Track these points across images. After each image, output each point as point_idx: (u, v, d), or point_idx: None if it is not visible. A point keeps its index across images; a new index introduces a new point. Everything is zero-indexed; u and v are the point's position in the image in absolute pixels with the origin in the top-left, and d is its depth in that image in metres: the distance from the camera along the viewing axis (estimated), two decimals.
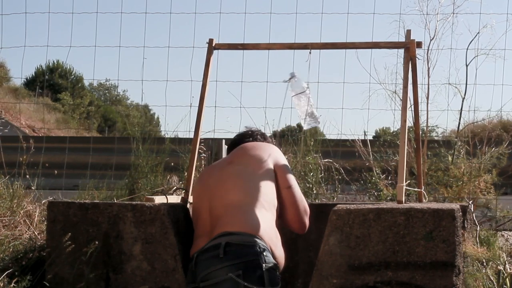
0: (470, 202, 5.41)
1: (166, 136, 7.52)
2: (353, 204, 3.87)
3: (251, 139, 3.85)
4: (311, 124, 4.23)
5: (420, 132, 4.59)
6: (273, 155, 3.55)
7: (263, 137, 3.89)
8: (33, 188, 6.02)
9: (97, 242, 3.95)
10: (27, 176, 6.11)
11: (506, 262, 4.40)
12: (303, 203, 3.55)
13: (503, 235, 5.78)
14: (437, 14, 6.48)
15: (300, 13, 6.44)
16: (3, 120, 8.44)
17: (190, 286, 3.45)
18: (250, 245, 3.21)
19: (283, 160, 3.59)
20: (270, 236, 3.34)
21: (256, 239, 3.24)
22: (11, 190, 5.67)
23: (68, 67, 34.20)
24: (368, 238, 3.43)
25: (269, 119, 7.63)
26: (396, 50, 5.95)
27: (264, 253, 3.22)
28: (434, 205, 3.59)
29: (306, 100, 4.16)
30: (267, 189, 3.45)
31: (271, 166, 3.51)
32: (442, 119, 10.67)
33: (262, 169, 3.47)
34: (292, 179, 3.53)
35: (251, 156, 3.54)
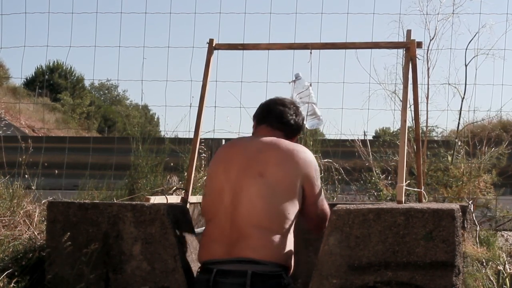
0: (470, 202, 5.41)
1: (166, 136, 7.53)
2: (353, 204, 3.87)
3: (287, 126, 3.67)
4: (314, 124, 4.23)
5: (420, 132, 4.59)
6: (303, 167, 3.41)
7: (300, 121, 3.71)
8: (33, 188, 6.02)
9: (97, 242, 3.95)
10: (27, 176, 6.11)
11: (506, 262, 4.40)
12: (325, 215, 3.56)
13: (503, 235, 5.78)
14: (438, 14, 6.48)
15: (300, 13, 6.45)
16: (6, 122, 8.44)
17: None
18: (276, 275, 3.20)
19: (312, 172, 3.46)
20: (292, 259, 3.38)
21: (281, 269, 3.24)
22: (11, 190, 5.67)
23: (69, 68, 34.21)
24: (368, 238, 3.43)
25: None
26: (396, 50, 5.96)
27: (287, 282, 3.26)
28: (434, 205, 3.59)
29: (309, 99, 4.16)
30: (292, 208, 3.35)
31: (299, 182, 3.38)
32: (441, 119, 10.69)
33: (291, 186, 3.35)
34: (318, 194, 3.50)
35: (281, 169, 3.35)
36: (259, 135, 3.56)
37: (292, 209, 3.34)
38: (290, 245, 3.34)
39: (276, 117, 3.60)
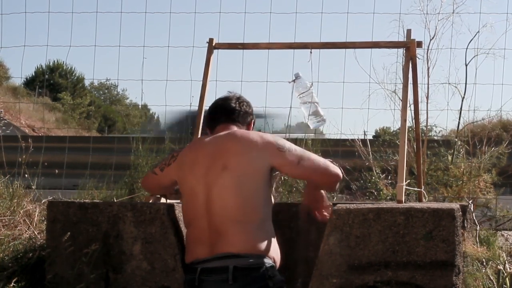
0: (470, 201, 5.42)
1: (166, 136, 7.52)
2: (353, 203, 3.87)
3: (235, 114, 3.64)
4: (317, 123, 4.23)
5: (420, 132, 4.59)
6: (263, 148, 3.34)
7: (246, 107, 3.68)
8: (33, 187, 6.02)
9: (97, 242, 3.95)
10: (27, 176, 6.11)
11: (506, 261, 4.40)
12: (320, 164, 3.41)
13: (503, 235, 5.78)
14: (438, 13, 6.48)
15: (300, 12, 6.45)
16: (5, 121, 8.42)
17: None
18: (258, 267, 3.16)
19: (273, 146, 3.37)
20: (273, 247, 3.29)
21: (263, 259, 3.20)
22: (11, 189, 5.67)
23: (69, 67, 34.22)
24: (368, 237, 3.43)
25: (269, 119, 7.62)
26: (396, 49, 5.96)
27: (271, 274, 3.19)
28: (434, 205, 3.59)
29: (311, 99, 4.16)
30: (263, 195, 3.31)
31: (265, 164, 3.32)
32: (441, 118, 10.70)
33: (256, 172, 3.30)
34: (294, 155, 3.35)
35: (242, 157, 3.31)
36: (217, 131, 3.60)
37: (263, 196, 3.31)
38: (269, 233, 3.29)
39: (222, 113, 3.63)
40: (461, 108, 6.59)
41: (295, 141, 5.78)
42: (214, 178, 3.31)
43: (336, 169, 3.41)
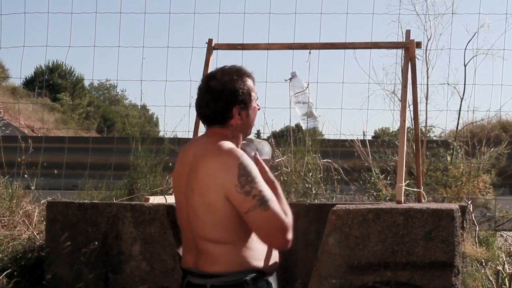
0: (469, 202, 5.41)
1: (165, 136, 7.53)
2: (352, 204, 3.87)
3: (209, 118, 3.04)
4: (310, 124, 4.22)
5: (419, 132, 4.59)
6: (223, 180, 2.89)
7: (220, 102, 2.99)
8: (32, 188, 6.03)
9: (96, 242, 3.95)
10: (26, 176, 6.11)
11: (505, 262, 4.40)
12: (272, 221, 2.87)
13: (502, 235, 5.79)
14: (436, 14, 6.48)
15: (299, 13, 6.45)
16: (4, 122, 8.42)
17: None
18: (238, 284, 2.94)
19: (234, 179, 2.87)
20: (256, 257, 3.00)
21: (242, 275, 2.95)
22: (10, 190, 5.67)
23: (69, 68, 34.21)
24: (367, 238, 3.44)
25: (268, 119, 7.63)
26: (395, 50, 5.96)
27: (254, 286, 2.95)
28: (433, 205, 3.59)
29: (306, 99, 4.16)
30: (230, 218, 2.96)
31: (221, 196, 2.90)
32: (441, 119, 10.70)
33: (221, 200, 2.91)
34: (247, 201, 2.86)
35: (207, 186, 2.93)
36: (203, 136, 3.18)
37: (235, 218, 2.94)
38: (248, 250, 2.99)
39: (199, 116, 3.11)
40: (460, 109, 6.60)
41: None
42: (189, 195, 3.04)
43: (283, 240, 2.88)
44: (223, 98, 2.98)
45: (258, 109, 3.14)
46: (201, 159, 2.96)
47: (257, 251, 3.02)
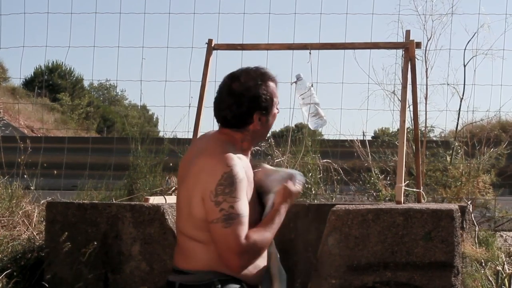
0: (469, 202, 5.41)
1: (165, 137, 7.53)
2: (352, 204, 3.87)
3: (227, 121, 2.95)
4: (317, 124, 4.22)
5: (419, 133, 4.59)
6: (203, 187, 2.81)
7: (241, 106, 2.92)
8: (32, 188, 6.02)
9: (95, 243, 3.95)
10: (26, 176, 6.11)
11: (505, 262, 4.40)
12: (228, 240, 2.74)
13: (501, 236, 5.79)
14: (436, 14, 6.48)
15: (299, 13, 6.44)
16: (4, 122, 8.42)
17: None
18: (206, 285, 2.83)
19: (212, 186, 2.78)
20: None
21: (212, 276, 2.84)
22: (10, 190, 5.67)
23: (69, 68, 34.21)
24: (367, 238, 3.43)
25: None
26: (395, 50, 5.96)
27: None
28: (433, 206, 3.59)
29: (312, 100, 4.16)
30: (204, 221, 2.85)
31: (199, 197, 2.83)
32: (440, 119, 10.69)
33: (195, 200, 2.84)
34: (215, 211, 2.76)
35: (193, 183, 2.86)
36: (214, 132, 3.10)
37: (205, 221, 2.85)
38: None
39: (216, 116, 3.02)
40: (459, 109, 6.60)
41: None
42: (180, 186, 3.02)
43: (233, 263, 2.75)
44: (245, 103, 2.89)
45: (277, 113, 3.06)
46: (199, 155, 2.90)
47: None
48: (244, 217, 2.76)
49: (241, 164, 2.83)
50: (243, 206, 2.77)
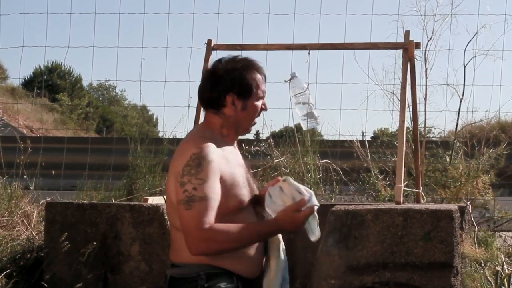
0: (468, 202, 5.42)
1: (164, 137, 7.53)
2: (351, 204, 3.87)
3: (205, 101, 2.95)
4: (310, 125, 4.22)
5: (418, 133, 4.59)
6: (174, 171, 2.78)
7: (215, 85, 2.90)
8: (31, 188, 6.02)
9: (95, 243, 3.95)
10: (25, 177, 6.11)
11: (504, 262, 4.41)
12: (187, 223, 2.67)
13: (501, 236, 5.78)
14: (435, 14, 6.48)
15: (298, 13, 6.44)
16: (3, 122, 8.42)
17: None
18: (192, 278, 2.77)
19: (178, 166, 2.76)
20: (220, 257, 2.80)
21: (199, 268, 2.78)
22: (9, 190, 5.67)
23: (68, 68, 34.21)
24: (366, 238, 3.43)
25: (267, 119, 7.62)
26: (394, 50, 5.96)
27: (208, 284, 2.77)
28: (432, 206, 3.59)
29: (306, 100, 4.15)
30: None
31: (173, 180, 2.79)
32: (440, 120, 10.69)
33: (171, 183, 2.80)
34: (180, 194, 2.71)
35: (170, 171, 2.83)
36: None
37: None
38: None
39: (198, 96, 3.01)
40: (459, 109, 6.60)
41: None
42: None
43: (191, 246, 2.67)
44: (220, 84, 2.89)
45: (263, 109, 3.00)
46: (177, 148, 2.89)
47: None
48: (208, 200, 2.67)
49: (213, 147, 2.77)
50: (209, 189, 2.69)
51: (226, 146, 2.90)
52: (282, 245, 3.01)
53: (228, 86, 2.89)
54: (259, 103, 2.97)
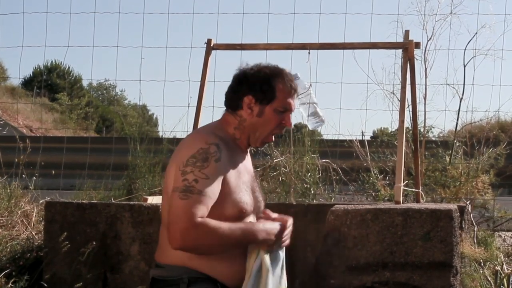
0: (468, 202, 5.41)
1: (164, 136, 7.53)
2: (350, 204, 3.87)
3: (226, 98, 2.86)
4: (316, 124, 4.22)
5: (418, 133, 4.59)
6: (175, 155, 2.71)
7: (236, 84, 2.83)
8: (30, 188, 6.02)
9: (94, 242, 3.95)
10: (24, 176, 6.11)
11: (504, 262, 4.41)
12: (176, 212, 2.53)
13: (500, 236, 5.79)
14: (435, 14, 6.48)
15: (298, 13, 6.44)
16: (1, 122, 8.42)
17: None
18: (174, 281, 2.66)
19: (180, 157, 2.65)
20: (204, 260, 2.67)
21: (181, 271, 2.66)
22: (8, 190, 5.67)
23: (67, 68, 34.22)
24: (365, 238, 3.44)
25: None
26: (394, 50, 5.96)
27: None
28: (432, 206, 3.60)
29: (310, 100, 4.16)
30: None
31: (173, 170, 2.68)
32: (440, 119, 10.70)
33: (170, 178, 2.68)
34: (178, 182, 2.59)
35: (170, 166, 2.73)
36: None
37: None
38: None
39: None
40: (459, 109, 6.59)
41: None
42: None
43: (171, 236, 2.52)
44: (243, 84, 2.79)
45: (285, 124, 2.81)
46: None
47: (211, 256, 2.67)
48: (205, 197, 2.55)
49: (222, 147, 2.68)
50: (210, 187, 2.57)
51: (237, 149, 2.80)
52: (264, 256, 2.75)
53: (249, 87, 2.77)
54: (279, 115, 2.79)
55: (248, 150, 2.90)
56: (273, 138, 2.86)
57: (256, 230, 2.67)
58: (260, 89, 2.76)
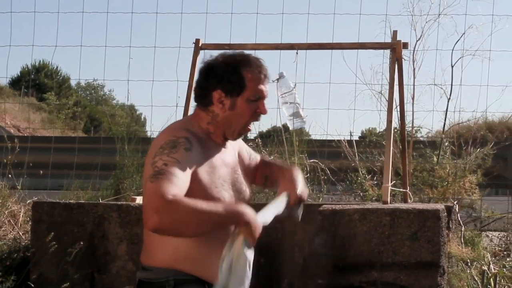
0: (455, 202, 5.43)
1: (152, 136, 7.51)
2: (338, 204, 3.88)
3: (195, 95, 2.78)
4: (297, 124, 4.22)
5: (406, 133, 4.60)
6: (149, 153, 2.59)
7: (204, 80, 2.71)
8: (18, 188, 6.00)
9: (82, 243, 3.94)
10: (11, 176, 6.08)
11: (491, 262, 4.42)
12: (149, 194, 2.38)
13: (487, 235, 5.81)
14: (427, 14, 6.50)
15: (287, 13, 6.45)
16: None
17: None
18: (160, 283, 2.57)
19: (153, 148, 2.56)
20: (190, 256, 2.59)
21: (168, 273, 2.58)
22: None
23: (55, 67, 34.10)
24: (353, 238, 3.44)
25: None
26: (382, 50, 5.97)
27: None
28: (419, 206, 3.61)
29: (292, 100, 4.15)
30: None
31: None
32: (427, 119, 10.74)
33: (146, 177, 2.52)
34: (150, 170, 2.47)
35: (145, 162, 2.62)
36: None
37: None
38: (182, 246, 2.58)
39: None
40: (447, 109, 6.62)
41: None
42: None
43: (146, 216, 2.35)
44: (209, 79, 2.66)
45: (260, 112, 2.70)
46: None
47: (197, 254, 2.60)
48: (177, 178, 2.40)
49: (195, 142, 2.57)
50: (180, 170, 2.43)
51: (211, 144, 2.69)
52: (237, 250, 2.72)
53: (217, 81, 2.64)
54: (252, 104, 2.67)
55: (227, 142, 2.76)
56: (251, 128, 2.74)
57: (237, 207, 2.49)
58: (228, 81, 2.63)
